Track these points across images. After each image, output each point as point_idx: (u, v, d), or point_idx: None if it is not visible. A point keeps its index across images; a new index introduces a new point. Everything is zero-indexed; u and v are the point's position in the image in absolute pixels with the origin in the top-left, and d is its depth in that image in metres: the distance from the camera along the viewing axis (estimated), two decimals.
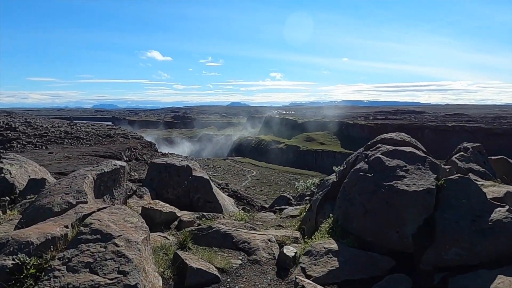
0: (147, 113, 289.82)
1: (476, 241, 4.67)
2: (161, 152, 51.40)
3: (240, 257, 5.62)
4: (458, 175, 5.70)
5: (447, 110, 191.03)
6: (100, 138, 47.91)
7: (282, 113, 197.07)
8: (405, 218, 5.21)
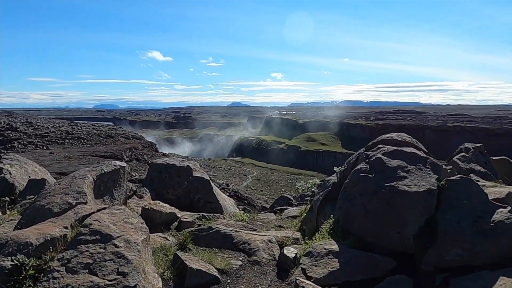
0: (148, 113, 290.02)
1: (478, 242, 4.64)
2: (162, 153, 51.43)
3: (240, 258, 5.60)
4: (460, 176, 5.67)
5: (448, 111, 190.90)
6: (101, 139, 47.98)
7: (283, 114, 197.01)
8: (406, 219, 5.19)
